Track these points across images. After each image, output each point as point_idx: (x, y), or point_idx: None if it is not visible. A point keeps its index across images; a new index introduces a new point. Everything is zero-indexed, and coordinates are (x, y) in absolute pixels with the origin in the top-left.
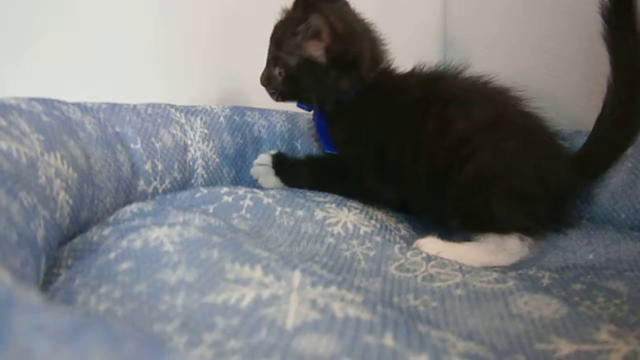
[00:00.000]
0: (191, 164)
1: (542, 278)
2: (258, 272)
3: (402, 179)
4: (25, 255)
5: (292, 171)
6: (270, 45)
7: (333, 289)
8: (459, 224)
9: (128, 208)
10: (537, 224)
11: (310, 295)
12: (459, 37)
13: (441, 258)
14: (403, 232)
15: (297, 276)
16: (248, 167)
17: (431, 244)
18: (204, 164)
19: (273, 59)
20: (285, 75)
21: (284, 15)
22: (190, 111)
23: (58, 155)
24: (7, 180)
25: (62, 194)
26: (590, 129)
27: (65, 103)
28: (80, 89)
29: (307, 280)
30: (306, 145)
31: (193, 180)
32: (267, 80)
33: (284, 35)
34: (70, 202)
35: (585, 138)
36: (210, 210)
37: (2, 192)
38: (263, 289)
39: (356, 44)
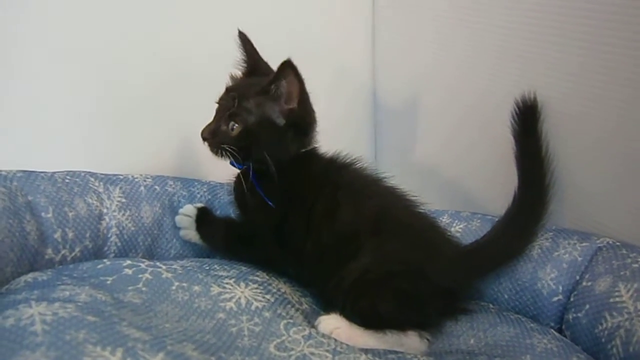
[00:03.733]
0: (105, 232)
1: None
2: (117, 356)
3: (296, 254)
4: None
5: (210, 230)
6: (225, 100)
7: None
8: (356, 320)
9: (23, 278)
10: (431, 319)
11: None
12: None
13: (322, 337)
14: (305, 306)
15: None
16: (164, 236)
17: (330, 320)
18: (118, 232)
19: (230, 114)
20: (242, 131)
21: (242, 78)
22: (110, 180)
23: None
24: None
25: None
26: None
27: None
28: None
29: None
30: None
31: (106, 249)
32: (212, 134)
33: (245, 93)
34: None
35: (479, 221)
36: (109, 282)
37: None
38: None
39: (312, 112)
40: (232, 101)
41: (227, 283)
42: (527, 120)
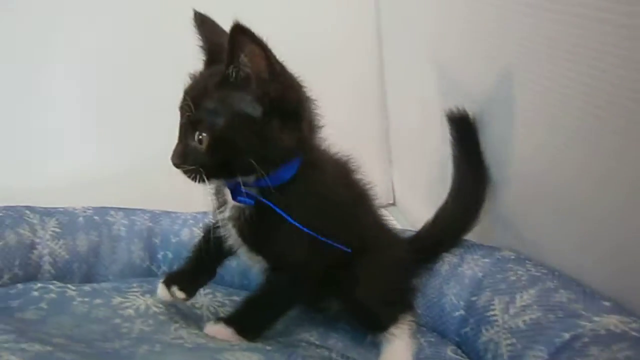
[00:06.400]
0: (37, 260)
1: None
2: None
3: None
4: None
5: (249, 321)
6: (183, 111)
7: None
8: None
9: None
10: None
11: None
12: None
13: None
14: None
15: None
16: (102, 263)
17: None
18: (51, 260)
19: (191, 124)
20: (211, 139)
21: (198, 74)
22: (48, 212)
23: None
24: None
25: None
26: None
27: None
28: None
29: None
30: (165, 242)
31: (39, 276)
32: (182, 156)
33: (204, 90)
34: None
35: None
36: (15, 304)
37: None
38: None
39: (294, 84)
40: (187, 108)
41: (132, 294)
42: (463, 127)
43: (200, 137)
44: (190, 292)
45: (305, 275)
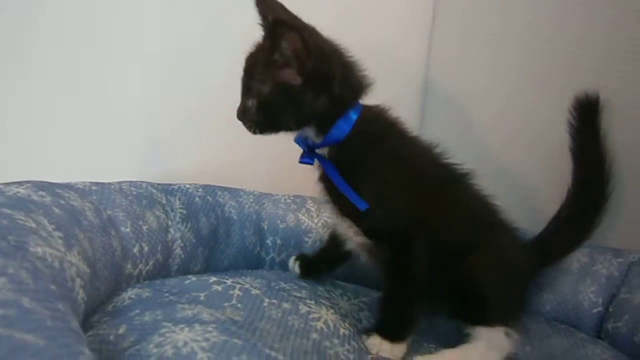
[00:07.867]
0: (170, 244)
1: None
2: None
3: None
4: None
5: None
6: (243, 77)
7: None
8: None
9: (125, 295)
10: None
11: None
12: (441, 84)
13: None
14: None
15: None
16: (219, 247)
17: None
18: (182, 244)
19: (246, 88)
20: (258, 103)
21: (255, 45)
22: (168, 191)
23: (75, 252)
24: (50, 295)
25: (80, 292)
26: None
27: (62, 188)
28: None
29: None
30: (273, 227)
31: (170, 260)
32: (242, 114)
33: (255, 64)
34: (85, 298)
35: None
36: (202, 298)
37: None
38: None
39: (326, 61)
40: (246, 75)
41: (310, 303)
42: (586, 116)
43: (252, 101)
44: (304, 273)
45: (402, 244)
